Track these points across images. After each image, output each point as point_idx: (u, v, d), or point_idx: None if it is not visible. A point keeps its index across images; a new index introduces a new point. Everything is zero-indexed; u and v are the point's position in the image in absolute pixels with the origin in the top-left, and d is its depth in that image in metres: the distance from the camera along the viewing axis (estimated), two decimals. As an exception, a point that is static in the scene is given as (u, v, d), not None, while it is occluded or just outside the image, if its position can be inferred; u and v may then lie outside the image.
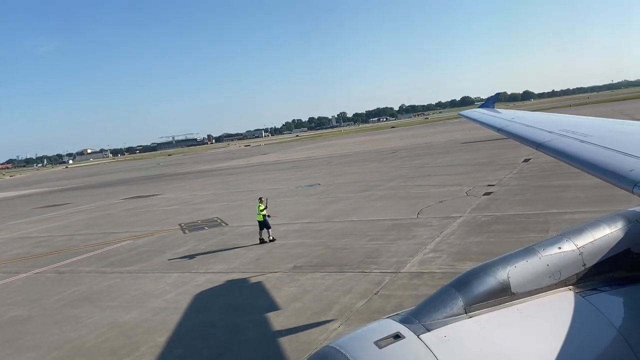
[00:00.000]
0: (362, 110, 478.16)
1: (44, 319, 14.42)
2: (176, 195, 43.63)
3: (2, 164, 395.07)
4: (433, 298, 2.97)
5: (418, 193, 27.55)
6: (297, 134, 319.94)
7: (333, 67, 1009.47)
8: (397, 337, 2.69)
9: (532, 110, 13.63)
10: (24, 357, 11.92)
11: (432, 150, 56.29)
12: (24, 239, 30.57)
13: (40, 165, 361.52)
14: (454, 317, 2.82)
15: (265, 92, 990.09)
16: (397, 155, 56.35)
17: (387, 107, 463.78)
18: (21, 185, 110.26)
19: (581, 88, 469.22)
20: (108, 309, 14.57)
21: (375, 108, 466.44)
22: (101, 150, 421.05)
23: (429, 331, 2.73)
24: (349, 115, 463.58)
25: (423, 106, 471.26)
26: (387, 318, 2.93)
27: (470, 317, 2.85)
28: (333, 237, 19.90)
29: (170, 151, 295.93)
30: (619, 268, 3.30)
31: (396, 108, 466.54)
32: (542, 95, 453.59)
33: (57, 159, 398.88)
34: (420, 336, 2.69)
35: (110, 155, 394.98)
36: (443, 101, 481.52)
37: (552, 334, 2.84)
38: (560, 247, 3.20)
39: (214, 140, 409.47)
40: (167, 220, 29.79)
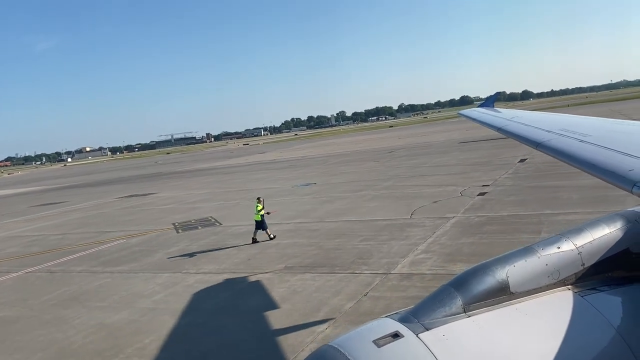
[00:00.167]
0: (361, 109, 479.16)
1: (32, 320, 14.31)
2: (172, 194, 43.52)
3: (1, 161, 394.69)
4: (432, 297, 2.95)
5: (413, 193, 27.46)
6: (296, 132, 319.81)
7: (332, 66, 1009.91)
8: (396, 336, 2.69)
9: (531, 110, 13.58)
10: (9, 359, 11.81)
11: (429, 149, 56.20)
12: (18, 237, 30.46)
13: (38, 163, 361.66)
14: (453, 317, 2.82)
15: (264, 91, 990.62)
16: (394, 154, 56.26)
17: (386, 106, 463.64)
18: (19, 183, 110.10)
19: (580, 88, 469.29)
20: (96, 309, 14.47)
21: (375, 107, 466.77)
22: (100, 149, 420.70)
23: (428, 330, 2.72)
24: (348, 114, 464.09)
25: (422, 105, 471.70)
26: (386, 317, 2.92)
27: (469, 317, 2.85)
28: (326, 237, 19.81)
29: (169, 149, 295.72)
30: (617, 268, 3.30)
31: (395, 107, 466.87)
32: (541, 95, 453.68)
33: (56, 157, 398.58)
34: (419, 335, 2.69)
35: (109, 153, 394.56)
36: (442, 100, 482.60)
37: (551, 333, 2.83)
38: (559, 247, 3.20)
39: (212, 139, 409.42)
40: (161, 220, 29.69)
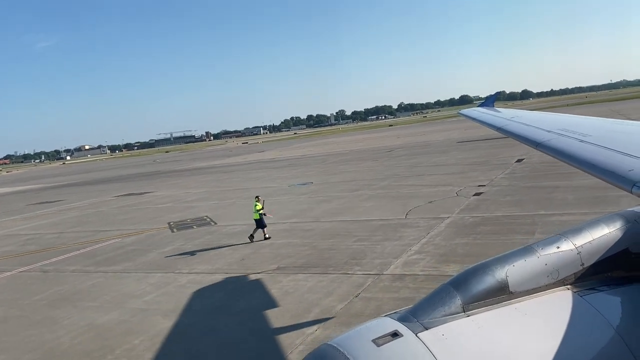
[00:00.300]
0: (361, 108, 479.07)
1: (22, 320, 14.24)
2: (169, 193, 43.46)
3: (0, 159, 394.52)
4: (431, 296, 2.95)
5: (409, 193, 27.39)
6: (295, 131, 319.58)
7: (332, 65, 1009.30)
8: (395, 335, 2.68)
9: (530, 109, 13.54)
10: (-3, 359, 11.76)
11: (427, 149, 56.13)
12: (14, 236, 30.38)
13: (37, 161, 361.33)
14: (452, 316, 2.81)
15: (264, 89, 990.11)
16: (393, 154, 56.18)
17: (385, 105, 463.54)
18: (17, 181, 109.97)
19: (580, 87, 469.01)
20: (87, 309, 14.40)
21: (374, 106, 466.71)
22: (99, 147, 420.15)
23: (427, 329, 2.72)
24: (348, 113, 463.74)
25: (422, 104, 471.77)
26: (385, 316, 2.91)
27: (468, 316, 2.85)
28: (320, 237, 19.74)
29: (168, 148, 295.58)
30: (617, 268, 3.30)
31: (395, 106, 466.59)
32: (540, 95, 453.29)
33: (55, 155, 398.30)
34: (418, 334, 2.69)
35: (108, 151, 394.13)
36: (442, 100, 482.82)
37: (550, 333, 2.83)
38: (558, 247, 3.19)
39: (212, 138, 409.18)
40: (157, 219, 29.62)
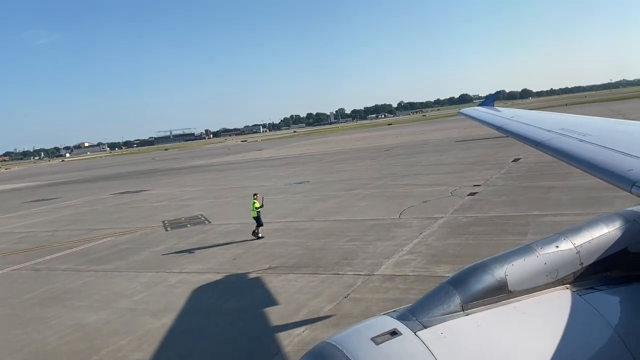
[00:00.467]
0: (361, 106, 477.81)
1: (10, 319, 14.15)
2: (165, 191, 43.38)
3: (0, 156, 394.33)
4: (430, 295, 2.95)
5: (404, 192, 27.31)
6: (295, 130, 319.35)
7: (332, 63, 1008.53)
8: (394, 333, 2.68)
9: (529, 109, 13.48)
10: (-17, 359, 11.69)
11: (425, 148, 56.03)
12: (8, 234, 30.28)
13: (37, 158, 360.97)
14: (451, 315, 2.81)
15: (264, 88, 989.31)
16: (391, 153, 56.09)
17: (385, 104, 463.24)
18: (15, 178, 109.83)
19: (580, 87, 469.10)
20: (76, 309, 14.32)
21: (374, 105, 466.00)
22: (99, 144, 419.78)
23: (426, 328, 2.72)
24: (347, 111, 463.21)
25: (422, 103, 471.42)
26: (384, 314, 2.91)
27: (467, 315, 2.84)
28: (313, 237, 19.67)
29: (167, 146, 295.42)
30: (616, 267, 3.30)
31: (395, 105, 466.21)
32: (540, 94, 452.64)
33: (55, 152, 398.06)
34: (417, 333, 2.69)
35: (108, 149, 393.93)
36: (442, 99, 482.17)
37: (549, 332, 2.83)
38: (557, 246, 3.19)
39: (211, 135, 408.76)
40: (152, 217, 29.54)
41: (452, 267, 13.86)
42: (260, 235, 20.31)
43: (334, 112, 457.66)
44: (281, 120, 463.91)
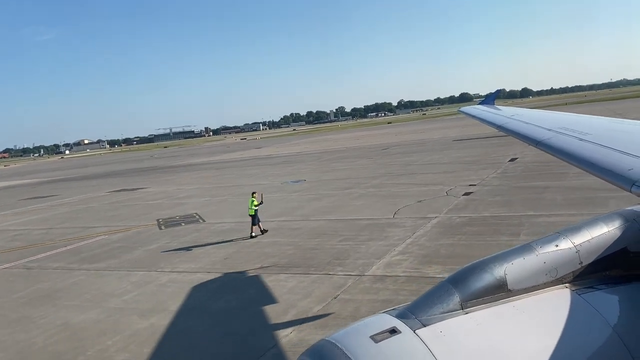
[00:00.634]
0: (361, 105, 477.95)
1: (-2, 318, 14.08)
2: (162, 189, 43.27)
3: (0, 153, 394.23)
4: (430, 293, 2.94)
5: (400, 192, 27.22)
6: (295, 128, 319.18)
7: (333, 61, 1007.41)
8: (393, 331, 2.68)
9: (529, 108, 13.43)
10: (-31, 359, 11.60)
11: (423, 147, 55.91)
12: (2, 231, 30.19)
13: (36, 155, 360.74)
14: (450, 313, 2.81)
15: (264, 85, 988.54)
16: (388, 152, 55.98)
17: (385, 103, 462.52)
18: (14, 175, 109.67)
19: (580, 86, 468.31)
20: (65, 308, 14.23)
21: (374, 103, 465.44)
22: (98, 141, 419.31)
23: (425, 326, 2.72)
24: (348, 110, 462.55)
25: (422, 102, 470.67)
26: (383, 313, 2.90)
27: (466, 313, 2.84)
28: (306, 236, 19.58)
29: (167, 143, 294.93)
30: (615, 267, 3.29)
31: (395, 103, 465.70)
32: (540, 93, 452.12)
33: (54, 149, 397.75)
34: (416, 331, 2.69)
35: (107, 146, 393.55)
36: (442, 97, 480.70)
37: (548, 331, 2.83)
38: (557, 245, 3.18)
39: (211, 133, 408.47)
40: (146, 215, 29.46)
41: (443, 268, 13.78)
42: (253, 234, 20.26)
43: (334, 111, 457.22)
44: (281, 118, 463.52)
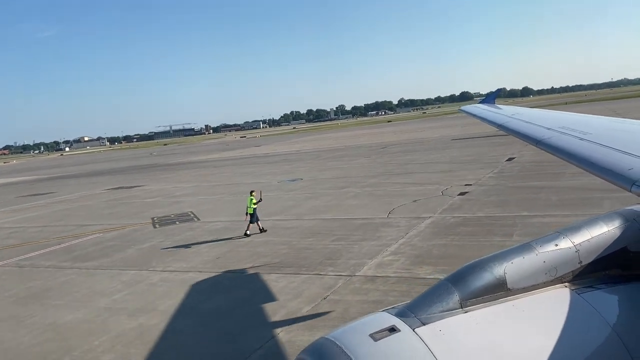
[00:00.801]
0: (361, 103, 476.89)
1: (-13, 317, 14.00)
2: (159, 187, 43.19)
3: (0, 149, 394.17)
4: (429, 292, 2.94)
5: (395, 191, 27.12)
6: (295, 126, 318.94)
7: (333, 60, 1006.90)
8: (393, 330, 2.68)
9: (530, 107, 13.37)
10: (-45, 358, 11.52)
11: (422, 146, 55.79)
12: (-2, 229, 30.13)
13: (36, 152, 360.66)
14: (450, 312, 2.82)
15: (265, 83, 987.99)
16: (387, 150, 55.87)
17: (386, 101, 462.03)
18: (13, 172, 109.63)
19: (580, 85, 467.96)
20: (54, 307, 14.15)
21: (374, 101, 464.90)
22: (98, 138, 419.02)
23: (425, 325, 2.72)
24: (348, 108, 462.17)
25: (422, 100, 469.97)
26: (383, 311, 2.91)
27: (465, 312, 2.85)
28: (300, 236, 19.49)
29: (167, 141, 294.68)
30: (615, 266, 3.30)
31: (395, 102, 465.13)
32: (541, 92, 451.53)
33: (54, 146, 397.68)
34: (415, 330, 2.69)
35: (107, 143, 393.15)
36: (442, 96, 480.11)
37: (547, 330, 2.83)
38: (557, 244, 3.18)
39: (211, 131, 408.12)
40: (142, 214, 29.37)
41: (434, 269, 13.70)
42: (247, 232, 20.20)
43: (334, 109, 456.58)
44: (281, 116, 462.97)
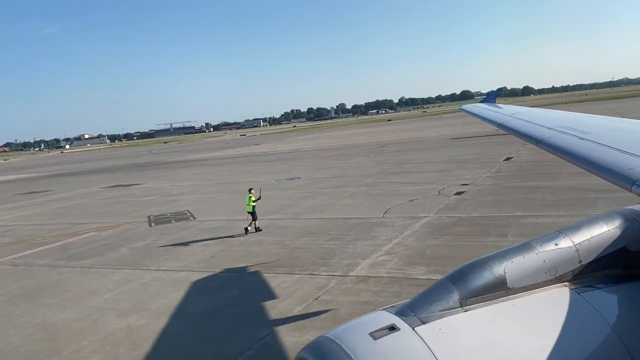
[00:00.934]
0: (362, 102, 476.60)
1: (-23, 316, 13.93)
2: (156, 185, 43.14)
3: (0, 147, 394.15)
4: (429, 291, 2.94)
5: (392, 191, 27.05)
6: (295, 124, 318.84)
7: (334, 58, 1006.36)
8: (392, 328, 2.68)
9: (530, 106, 13.33)
10: (-57, 358, 11.47)
11: (421, 145, 55.71)
12: (-6, 227, 30.07)
13: (37, 149, 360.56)
14: (450, 311, 2.81)
15: (265, 82, 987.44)
16: (385, 149, 55.78)
17: (386, 100, 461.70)
18: (12, 169, 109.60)
19: (581, 85, 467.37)
20: (45, 307, 14.09)
21: (375, 100, 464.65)
22: (99, 136, 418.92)
23: (424, 324, 2.72)
24: (348, 106, 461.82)
25: (423, 99, 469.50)
26: (383, 310, 2.91)
27: (465, 311, 2.85)
28: (294, 235, 19.42)
29: (167, 139, 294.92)
30: (614, 266, 3.29)
31: (396, 101, 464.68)
32: (542, 91, 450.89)
33: (55, 144, 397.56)
34: (415, 328, 2.69)
35: (108, 141, 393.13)
36: (443, 95, 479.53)
37: (547, 329, 2.83)
38: (556, 244, 3.18)
39: (211, 129, 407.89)
40: (138, 212, 29.31)
41: (427, 269, 13.64)
42: (247, 228, 20.28)
43: (335, 107, 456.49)
44: (282, 115, 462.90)
